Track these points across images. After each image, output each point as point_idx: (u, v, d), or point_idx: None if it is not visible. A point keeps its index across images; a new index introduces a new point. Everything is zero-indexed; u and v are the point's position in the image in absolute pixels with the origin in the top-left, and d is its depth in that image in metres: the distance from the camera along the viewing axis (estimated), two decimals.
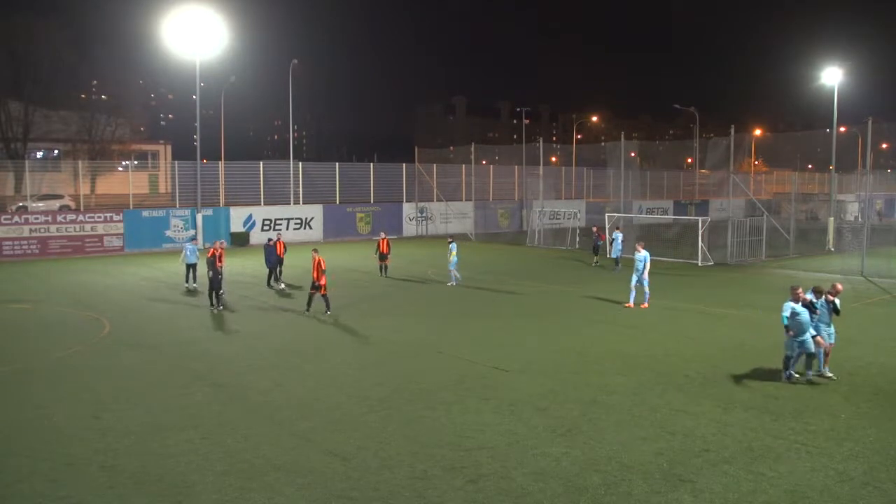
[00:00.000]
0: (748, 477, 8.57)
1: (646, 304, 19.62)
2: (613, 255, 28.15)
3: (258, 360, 14.13)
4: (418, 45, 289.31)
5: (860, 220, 43.74)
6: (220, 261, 19.49)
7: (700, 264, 29.12)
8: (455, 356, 14.27)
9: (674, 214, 53.14)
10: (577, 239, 36.34)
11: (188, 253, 22.91)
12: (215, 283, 19.28)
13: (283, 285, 23.15)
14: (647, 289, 19.71)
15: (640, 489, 8.25)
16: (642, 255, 19.61)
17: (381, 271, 25.64)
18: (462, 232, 44.41)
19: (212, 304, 19.34)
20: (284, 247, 24.29)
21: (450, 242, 24.22)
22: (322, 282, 18.31)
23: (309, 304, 18.67)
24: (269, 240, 24.08)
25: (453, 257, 23.64)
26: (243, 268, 28.00)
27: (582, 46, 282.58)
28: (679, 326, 17.22)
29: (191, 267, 22.84)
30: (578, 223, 41.33)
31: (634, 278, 19.72)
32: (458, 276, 23.87)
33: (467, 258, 31.48)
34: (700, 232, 29.57)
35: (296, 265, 26.71)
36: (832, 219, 37.18)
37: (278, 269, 23.58)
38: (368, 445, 9.57)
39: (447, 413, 10.86)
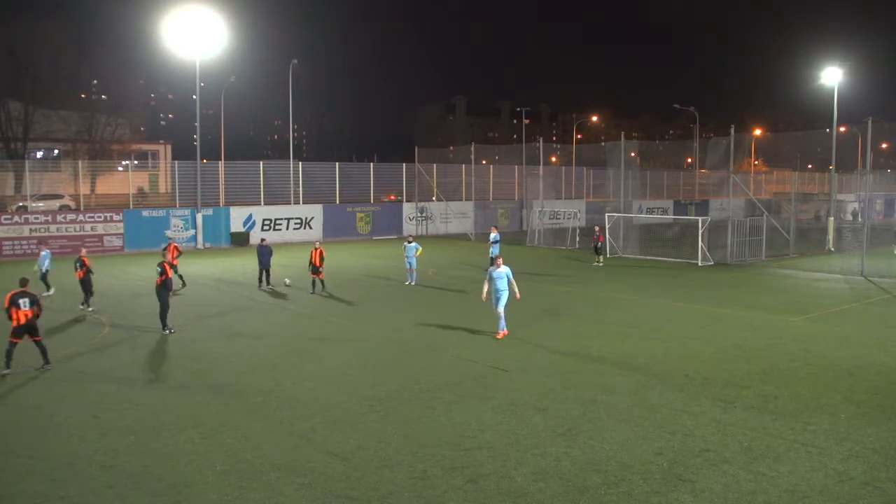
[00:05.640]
0: (748, 477, 8.57)
1: (501, 333, 15.72)
2: (492, 255, 25.39)
3: (258, 359, 14.14)
4: (418, 45, 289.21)
5: (860, 218, 43.76)
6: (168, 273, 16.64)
7: (700, 264, 29.13)
8: (455, 356, 14.28)
9: (674, 214, 53.18)
10: (578, 239, 36.35)
11: (43, 259, 21.24)
12: (161, 299, 16.41)
13: (286, 282, 23.08)
14: (503, 315, 15.68)
15: (640, 489, 8.25)
16: (501, 271, 15.63)
17: (313, 286, 21.99)
18: (462, 232, 44.45)
19: (166, 326, 16.51)
20: (178, 252, 22.93)
21: (410, 242, 24.11)
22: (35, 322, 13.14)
23: (8, 359, 12.96)
24: (262, 239, 23.89)
25: (419, 255, 23.73)
26: (244, 268, 28.01)
27: (582, 46, 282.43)
28: (679, 326, 17.22)
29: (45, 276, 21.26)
30: (578, 223, 41.32)
31: (496, 301, 15.64)
32: (415, 274, 23.87)
33: (467, 258, 31.51)
34: (700, 232, 29.58)
35: (295, 265, 26.71)
36: (832, 219, 37.20)
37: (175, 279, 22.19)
38: (368, 445, 9.57)
39: (447, 413, 10.86)
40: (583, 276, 26.25)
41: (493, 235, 28.03)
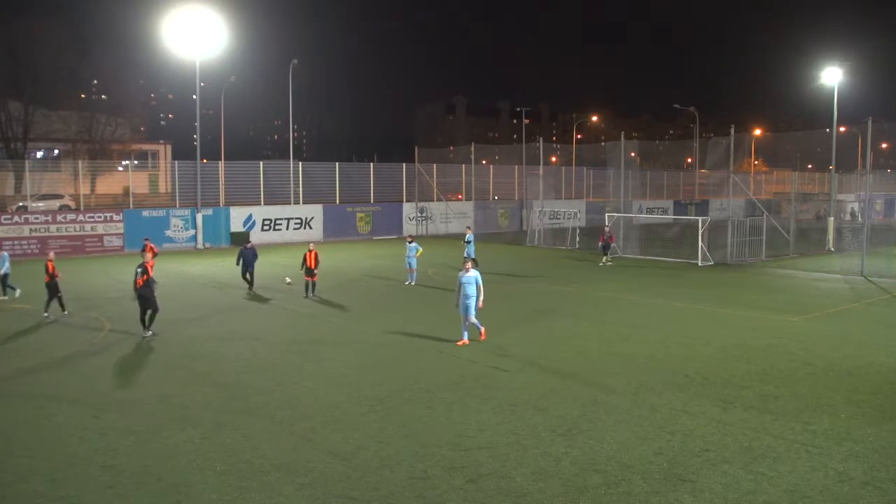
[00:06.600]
0: (748, 477, 8.57)
1: (483, 336, 15.35)
2: (468, 256, 25.08)
3: (258, 359, 14.14)
4: (418, 45, 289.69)
5: (859, 218, 43.77)
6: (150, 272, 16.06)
7: (700, 264, 29.13)
8: (455, 356, 14.27)
9: (674, 214, 53.19)
10: (577, 239, 36.35)
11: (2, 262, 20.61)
12: (150, 301, 15.92)
13: (287, 281, 23.01)
14: (475, 320, 15.11)
15: (639, 489, 8.25)
16: (470, 276, 15.02)
17: (306, 290, 21.24)
18: (462, 232, 44.38)
19: (145, 329, 16.05)
20: (154, 252, 20.99)
21: (410, 242, 24.09)
22: None
23: None
24: (248, 242, 23.51)
25: (419, 255, 23.67)
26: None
27: (582, 46, 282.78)
28: (679, 326, 17.22)
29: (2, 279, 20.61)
30: (578, 223, 41.30)
31: (465, 308, 15.02)
32: (415, 274, 23.86)
33: None
34: (700, 232, 29.58)
35: (295, 265, 26.65)
36: (832, 219, 37.20)
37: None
38: (368, 445, 9.57)
39: (447, 413, 10.86)
40: (582, 276, 26.26)
41: (468, 236, 27.75)
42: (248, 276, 22.41)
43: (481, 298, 15.11)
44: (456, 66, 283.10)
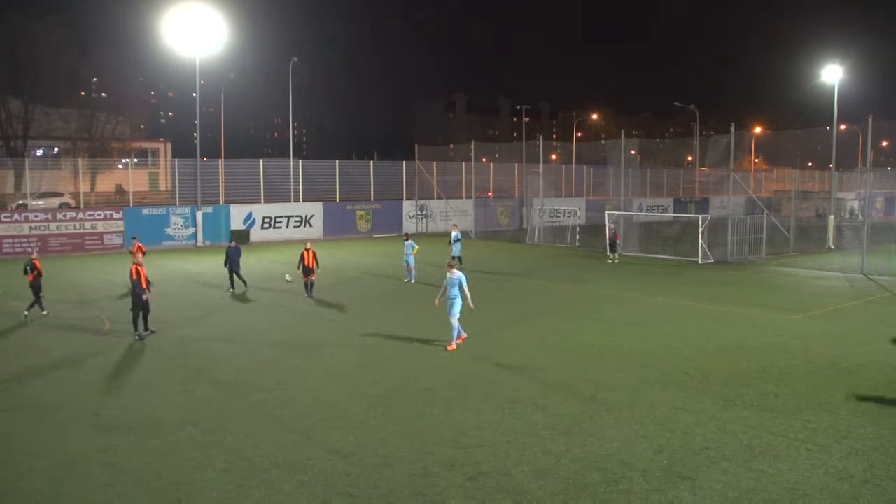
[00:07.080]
0: (748, 475, 8.57)
1: (453, 345, 14.65)
2: (454, 255, 26.02)
3: (258, 358, 14.14)
4: (418, 44, 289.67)
5: (860, 216, 43.75)
6: (138, 275, 15.50)
7: (700, 262, 29.12)
8: (454, 354, 14.27)
9: (674, 212, 53.11)
10: (577, 237, 36.33)
11: None
12: (140, 303, 15.64)
13: (287, 278, 22.75)
14: (457, 323, 14.65)
15: (640, 487, 8.25)
16: (454, 278, 14.64)
17: (306, 289, 20.88)
18: (462, 230, 44.37)
19: (137, 331, 15.76)
20: (142, 252, 19.08)
21: (406, 240, 24.08)
22: None
23: None
24: (232, 242, 23.23)
25: (415, 253, 23.60)
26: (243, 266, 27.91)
27: (582, 44, 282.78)
28: (679, 324, 17.22)
29: None
30: (578, 221, 41.27)
31: (448, 308, 14.66)
32: (414, 272, 23.78)
33: (468, 256, 31.50)
34: (700, 230, 29.58)
35: (295, 262, 26.68)
36: (832, 217, 37.18)
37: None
38: (368, 443, 9.58)
39: (447, 411, 10.86)
40: (582, 274, 26.25)
41: (454, 234, 27.54)
42: (235, 275, 21.99)
43: (469, 300, 14.61)
44: (456, 64, 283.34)
